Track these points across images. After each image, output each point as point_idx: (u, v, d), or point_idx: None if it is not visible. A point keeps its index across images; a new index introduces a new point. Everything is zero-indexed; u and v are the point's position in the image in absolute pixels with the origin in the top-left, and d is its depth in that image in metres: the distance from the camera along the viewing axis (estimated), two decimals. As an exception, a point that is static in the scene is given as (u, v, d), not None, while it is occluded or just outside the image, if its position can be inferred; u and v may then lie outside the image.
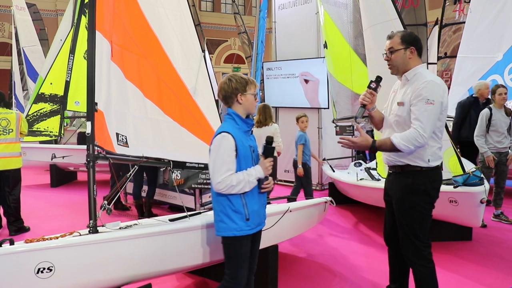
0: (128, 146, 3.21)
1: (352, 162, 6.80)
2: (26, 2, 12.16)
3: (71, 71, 7.20)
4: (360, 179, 5.20)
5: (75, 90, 7.21)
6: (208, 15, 26.21)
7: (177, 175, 5.15)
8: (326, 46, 6.68)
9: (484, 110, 5.26)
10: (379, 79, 2.74)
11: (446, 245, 4.53)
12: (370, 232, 5.11)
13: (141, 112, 3.44)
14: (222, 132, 2.43)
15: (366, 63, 5.15)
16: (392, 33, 2.75)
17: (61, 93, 7.76)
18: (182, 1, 3.90)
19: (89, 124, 2.87)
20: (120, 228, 2.85)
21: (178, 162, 3.51)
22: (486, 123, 5.15)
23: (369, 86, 2.74)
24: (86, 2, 6.28)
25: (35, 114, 8.07)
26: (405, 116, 2.64)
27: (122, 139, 3.20)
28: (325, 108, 7.45)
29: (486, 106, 5.34)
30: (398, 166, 2.72)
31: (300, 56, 7.72)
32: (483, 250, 4.41)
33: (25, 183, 5.66)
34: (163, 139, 3.52)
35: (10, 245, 2.34)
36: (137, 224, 2.97)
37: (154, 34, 3.62)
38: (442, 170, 2.78)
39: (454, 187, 3.91)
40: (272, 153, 2.60)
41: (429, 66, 9.45)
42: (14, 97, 12.70)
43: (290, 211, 3.54)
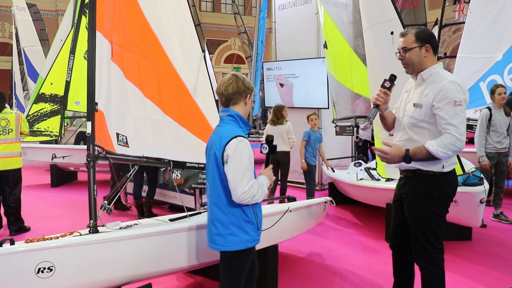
0: (128, 146, 3.21)
1: (352, 162, 6.80)
2: (26, 3, 12.16)
3: (72, 71, 7.20)
4: (360, 179, 5.20)
5: (76, 90, 7.21)
6: (208, 15, 26.23)
7: (177, 175, 5.15)
8: (326, 46, 6.69)
9: (483, 110, 5.26)
10: (394, 78, 2.61)
11: (445, 245, 4.44)
12: (370, 232, 5.11)
13: (141, 112, 3.45)
14: (238, 136, 2.27)
15: (366, 63, 5.15)
16: (406, 30, 2.62)
17: (61, 93, 7.75)
18: (182, 1, 3.90)
19: (89, 124, 2.88)
20: (120, 228, 2.85)
21: (178, 162, 3.52)
22: (486, 124, 5.15)
23: (383, 85, 2.60)
24: (86, 2, 6.29)
25: (36, 114, 8.07)
26: (422, 118, 2.52)
27: (122, 139, 3.21)
28: (325, 108, 7.45)
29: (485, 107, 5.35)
30: (410, 170, 2.62)
31: (300, 56, 7.72)
32: (483, 250, 4.42)
33: (25, 183, 5.67)
34: (163, 139, 3.53)
35: (11, 245, 2.35)
36: (137, 224, 2.97)
37: (154, 34, 3.62)
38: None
39: (454, 187, 3.91)
40: (275, 150, 2.60)
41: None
42: (14, 97, 12.71)
43: (290, 211, 3.54)
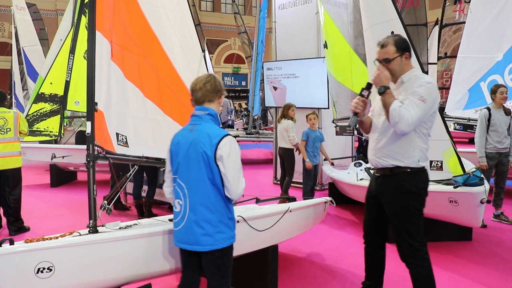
0: (128, 146, 3.21)
1: (352, 162, 6.80)
2: (26, 2, 12.15)
3: (71, 71, 7.19)
4: (360, 179, 5.20)
5: (75, 90, 7.19)
6: (208, 15, 26.23)
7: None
8: (326, 46, 6.68)
9: (482, 111, 5.25)
10: (370, 86, 2.73)
11: (446, 245, 4.53)
12: (370, 232, 5.10)
13: (141, 112, 3.44)
14: (227, 135, 2.31)
15: (366, 63, 5.15)
16: (384, 40, 2.72)
17: (61, 93, 7.74)
18: (182, 1, 3.90)
19: (89, 124, 2.87)
20: (120, 228, 2.85)
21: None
22: (486, 124, 5.14)
23: (361, 94, 2.73)
24: (86, 2, 6.27)
25: (35, 114, 8.06)
26: None
27: (122, 139, 3.20)
28: (325, 108, 7.45)
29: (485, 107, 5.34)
30: (388, 169, 2.75)
31: (300, 56, 7.71)
32: (483, 250, 4.41)
33: (25, 183, 5.65)
34: (163, 139, 3.52)
35: (10, 245, 2.34)
36: (137, 224, 2.96)
37: (154, 34, 3.62)
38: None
39: (454, 187, 3.91)
40: None
41: (429, 66, 9.44)
42: (14, 96, 12.69)
43: (290, 211, 3.54)
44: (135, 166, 3.21)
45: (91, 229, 2.73)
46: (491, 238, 4.76)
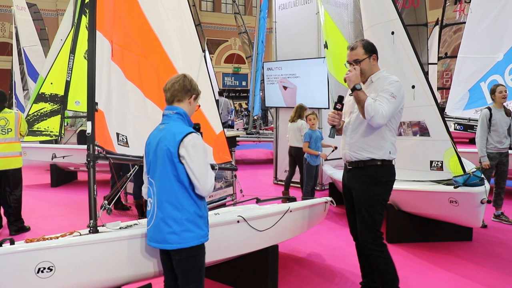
0: (128, 146, 3.21)
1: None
2: (26, 2, 12.16)
3: (72, 71, 7.20)
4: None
5: (76, 90, 7.20)
6: (208, 15, 26.24)
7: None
8: (326, 46, 6.68)
9: (483, 110, 5.25)
10: (342, 99, 2.99)
11: (446, 245, 4.53)
12: (370, 232, 5.10)
13: (141, 112, 3.44)
14: (191, 132, 2.31)
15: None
16: (353, 44, 3.01)
17: (61, 93, 7.75)
18: (182, 1, 3.90)
19: (89, 124, 2.88)
20: (120, 228, 2.85)
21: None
22: (487, 123, 5.14)
23: (335, 108, 2.98)
24: (86, 2, 6.28)
25: (36, 114, 8.07)
26: None
27: (123, 139, 3.20)
28: (325, 108, 7.45)
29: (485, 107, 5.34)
30: (361, 161, 2.94)
31: (300, 56, 7.71)
32: (484, 250, 4.41)
33: (25, 183, 5.66)
34: (164, 139, 3.52)
35: (11, 244, 2.34)
36: (137, 224, 2.96)
37: (154, 34, 3.62)
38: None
39: (455, 187, 3.91)
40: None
41: (429, 66, 9.44)
42: (14, 97, 12.70)
43: (291, 211, 3.54)
44: (136, 166, 3.21)
45: (92, 229, 2.73)
46: (492, 239, 4.76)
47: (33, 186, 8.13)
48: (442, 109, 5.05)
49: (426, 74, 4.43)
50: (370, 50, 2.95)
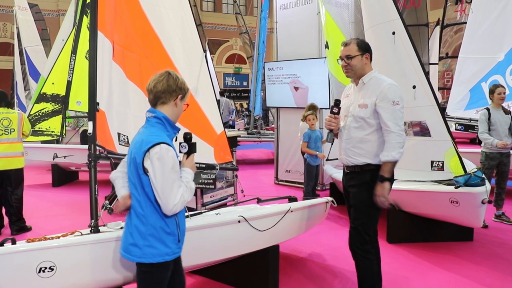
0: (129, 146, 3.21)
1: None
2: (28, 2, 12.17)
3: (73, 71, 7.19)
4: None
5: (77, 90, 7.20)
6: (209, 15, 26.24)
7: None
8: (327, 46, 6.68)
9: (482, 111, 5.26)
10: (338, 102, 2.98)
11: (447, 245, 4.52)
12: (371, 232, 5.10)
13: (142, 112, 3.42)
14: (160, 143, 2.03)
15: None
16: (348, 40, 2.98)
17: (63, 93, 7.75)
18: (183, 1, 3.91)
19: (90, 124, 2.88)
20: (121, 227, 2.85)
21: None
22: (486, 121, 5.14)
23: (332, 112, 2.97)
24: (88, 2, 6.29)
25: (37, 114, 8.09)
26: (368, 116, 2.84)
27: (124, 139, 3.21)
28: (326, 108, 7.45)
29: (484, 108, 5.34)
30: (358, 166, 2.92)
31: (301, 56, 7.71)
32: (484, 250, 4.41)
33: (26, 183, 5.67)
34: (164, 139, 3.52)
35: (12, 244, 2.35)
36: (138, 223, 2.96)
37: (155, 34, 3.63)
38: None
39: (456, 188, 3.91)
40: (195, 148, 2.27)
41: (430, 66, 9.44)
42: (16, 97, 12.71)
43: (291, 211, 3.54)
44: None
45: (93, 228, 2.74)
46: (492, 239, 4.75)
47: (34, 186, 8.14)
48: (443, 109, 5.05)
49: (427, 74, 4.43)
50: (364, 48, 2.90)
